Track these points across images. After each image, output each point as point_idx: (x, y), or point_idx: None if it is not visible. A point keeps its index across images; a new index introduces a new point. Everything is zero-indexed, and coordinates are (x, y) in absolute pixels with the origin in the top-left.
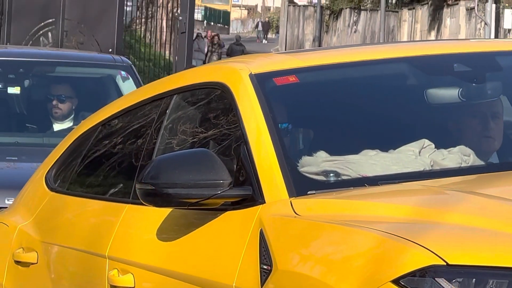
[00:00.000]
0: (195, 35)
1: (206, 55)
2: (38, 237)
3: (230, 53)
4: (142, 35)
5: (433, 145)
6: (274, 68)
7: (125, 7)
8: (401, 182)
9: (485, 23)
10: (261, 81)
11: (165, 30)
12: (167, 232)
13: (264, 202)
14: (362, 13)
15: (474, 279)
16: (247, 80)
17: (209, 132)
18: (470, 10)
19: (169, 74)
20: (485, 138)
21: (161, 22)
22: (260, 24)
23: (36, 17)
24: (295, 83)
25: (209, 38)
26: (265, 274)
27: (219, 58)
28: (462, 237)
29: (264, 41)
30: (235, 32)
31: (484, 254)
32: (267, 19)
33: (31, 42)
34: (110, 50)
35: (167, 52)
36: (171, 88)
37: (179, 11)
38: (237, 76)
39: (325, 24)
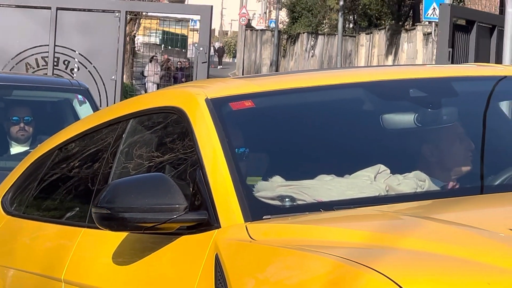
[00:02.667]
0: (150, 58)
1: (161, 79)
2: None
3: (177, 77)
4: None
5: (388, 171)
6: (230, 93)
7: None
8: (356, 207)
9: None
10: (217, 106)
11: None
12: (123, 256)
13: (220, 227)
14: (320, 37)
15: None
16: (203, 104)
17: (166, 157)
18: (427, 35)
19: (125, 97)
20: (468, 159)
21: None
22: (212, 49)
23: (19, 43)
24: (251, 108)
25: (163, 61)
26: None
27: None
28: (417, 262)
29: (218, 66)
30: (192, 56)
31: (438, 279)
32: (221, 44)
33: (13, 67)
34: (113, 77)
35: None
36: (127, 112)
37: (198, 41)
38: (193, 100)
39: (283, 49)
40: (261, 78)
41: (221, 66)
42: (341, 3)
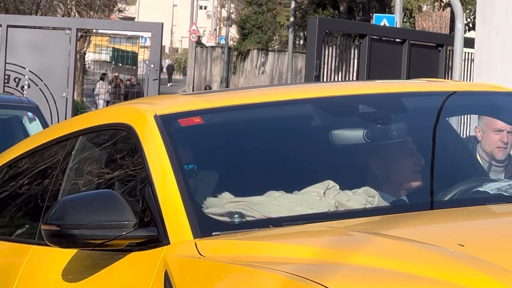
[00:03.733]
0: (101, 76)
1: (111, 95)
2: None
3: (127, 94)
4: None
5: (337, 186)
6: (179, 109)
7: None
8: (306, 223)
9: None
10: (166, 122)
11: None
12: (73, 273)
13: (169, 243)
14: (270, 54)
15: None
16: (152, 121)
17: (115, 173)
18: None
19: (76, 114)
20: (418, 174)
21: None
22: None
23: None
24: (200, 124)
25: (113, 78)
26: None
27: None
28: (366, 278)
29: (168, 83)
30: (143, 73)
31: None
32: (170, 62)
33: None
34: (64, 94)
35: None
36: (77, 129)
37: (149, 58)
38: (142, 117)
39: (233, 65)
40: (210, 95)
41: (171, 83)
42: (291, 19)
